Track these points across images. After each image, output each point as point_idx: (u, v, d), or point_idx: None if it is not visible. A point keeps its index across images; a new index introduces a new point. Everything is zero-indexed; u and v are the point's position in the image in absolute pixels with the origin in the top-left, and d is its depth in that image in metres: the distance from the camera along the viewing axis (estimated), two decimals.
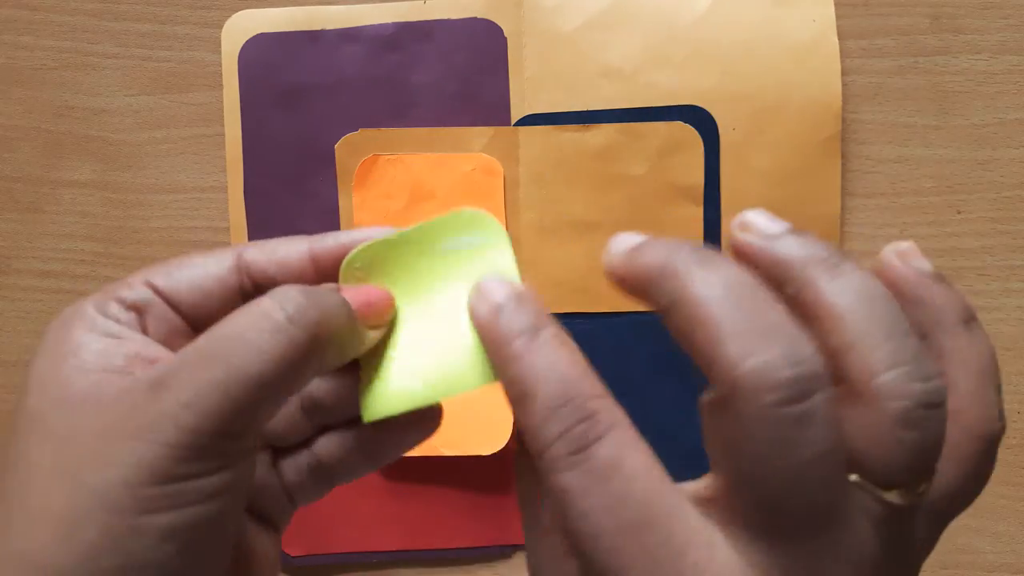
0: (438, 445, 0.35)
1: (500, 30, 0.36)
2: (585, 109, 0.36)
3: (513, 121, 0.36)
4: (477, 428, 0.35)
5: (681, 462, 0.37)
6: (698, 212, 0.36)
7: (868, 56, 0.36)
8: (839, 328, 0.17)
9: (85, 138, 0.37)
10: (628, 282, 0.19)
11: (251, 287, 0.22)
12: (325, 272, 0.22)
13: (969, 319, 0.21)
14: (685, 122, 0.35)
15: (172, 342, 0.21)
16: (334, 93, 0.36)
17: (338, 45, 0.36)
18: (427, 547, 0.36)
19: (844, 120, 0.36)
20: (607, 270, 0.19)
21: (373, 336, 0.22)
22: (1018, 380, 0.36)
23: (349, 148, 0.36)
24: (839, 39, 0.36)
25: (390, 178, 0.36)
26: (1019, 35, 0.36)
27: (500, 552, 0.36)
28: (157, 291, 0.21)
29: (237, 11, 0.37)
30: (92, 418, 0.19)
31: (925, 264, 0.20)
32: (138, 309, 0.21)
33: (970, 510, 0.37)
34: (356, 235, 0.22)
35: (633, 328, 0.36)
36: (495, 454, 0.35)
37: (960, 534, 0.36)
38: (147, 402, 0.18)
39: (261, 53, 0.36)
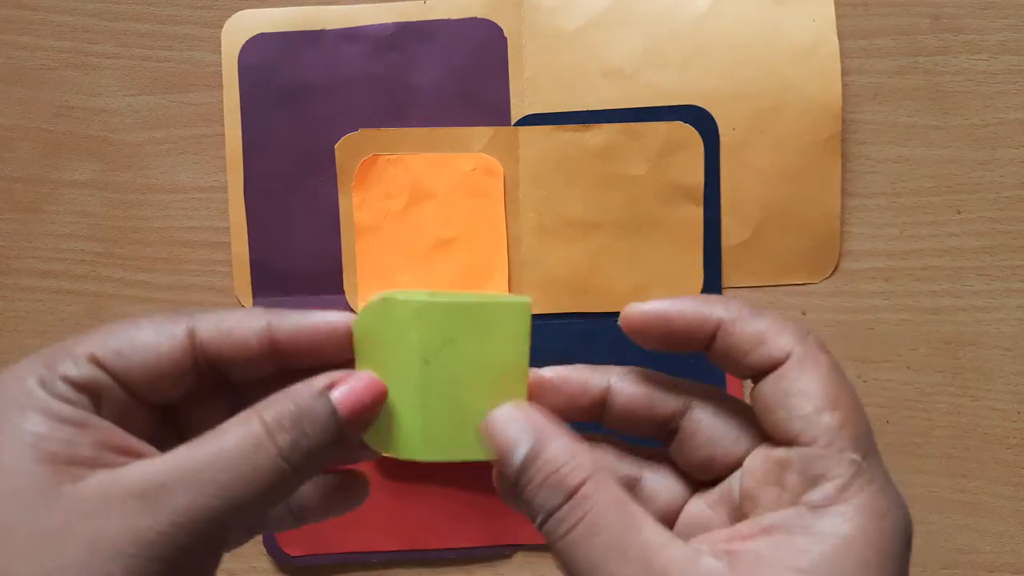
0: (433, 455, 0.35)
1: (500, 30, 0.36)
2: (585, 109, 0.36)
3: (513, 121, 0.36)
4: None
5: None
6: (698, 212, 0.36)
7: (868, 56, 0.36)
8: None
9: (85, 138, 0.37)
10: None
11: (205, 365, 0.22)
12: (282, 352, 0.22)
13: None
14: (685, 122, 0.35)
15: (127, 422, 0.21)
16: (334, 93, 0.36)
17: (338, 45, 0.36)
18: (427, 547, 0.36)
19: (844, 120, 0.36)
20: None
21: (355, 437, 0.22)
22: (1018, 380, 0.36)
23: (349, 148, 0.36)
24: (839, 39, 0.36)
25: (390, 178, 0.36)
26: (1019, 35, 0.36)
27: (500, 552, 0.36)
28: (107, 370, 0.21)
29: (237, 11, 0.37)
30: (75, 520, 0.18)
31: None
32: (90, 391, 0.20)
33: (970, 510, 0.37)
34: (315, 317, 0.23)
35: None
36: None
37: (960, 534, 0.36)
38: (138, 515, 0.18)
39: (261, 53, 0.36)
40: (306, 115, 0.36)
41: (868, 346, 0.36)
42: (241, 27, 0.36)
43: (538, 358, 0.26)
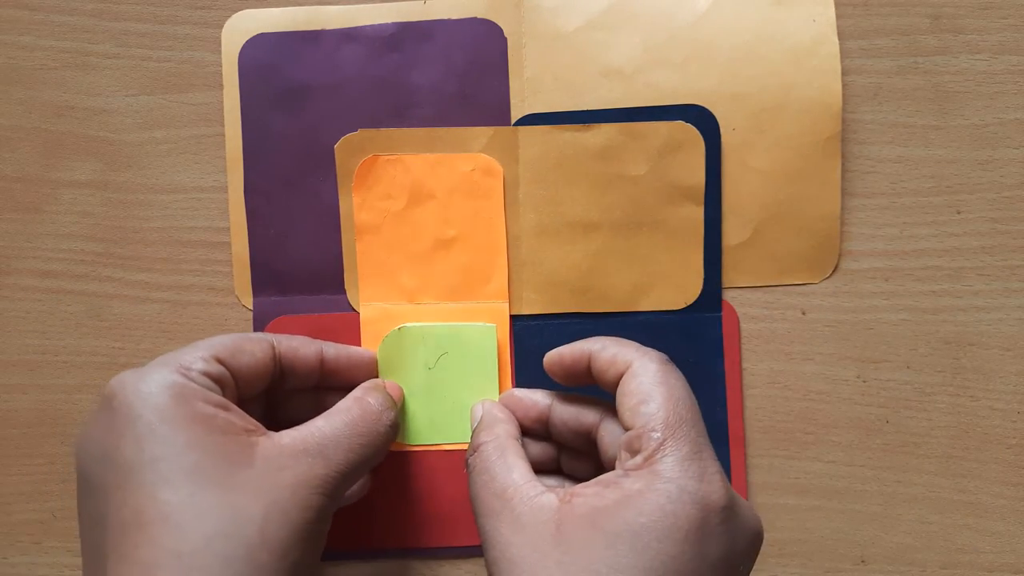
0: (436, 439, 0.35)
1: (500, 30, 0.36)
2: (585, 109, 0.36)
3: (513, 121, 0.36)
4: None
5: None
6: (699, 212, 0.36)
7: (868, 56, 0.36)
8: None
9: (85, 138, 0.37)
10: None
11: (278, 372, 0.31)
12: (328, 370, 0.33)
13: None
14: (686, 122, 0.35)
15: (234, 408, 0.28)
16: (334, 93, 0.36)
17: (338, 45, 0.36)
18: (430, 545, 0.36)
19: (844, 120, 0.36)
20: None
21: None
22: (1018, 380, 0.36)
23: (349, 148, 0.36)
24: (839, 39, 0.36)
25: (390, 178, 0.36)
26: (1019, 35, 0.36)
27: None
28: (228, 368, 0.29)
29: (237, 11, 0.37)
30: (274, 472, 0.26)
31: None
32: (221, 383, 0.28)
33: (970, 510, 0.37)
34: (354, 352, 0.34)
35: (631, 329, 0.36)
36: None
37: (960, 534, 0.36)
38: (315, 466, 0.27)
39: (261, 53, 0.36)
40: (306, 115, 0.36)
41: (868, 346, 0.36)
42: (241, 27, 0.36)
43: (538, 356, 0.34)
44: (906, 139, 0.36)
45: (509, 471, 0.28)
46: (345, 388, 0.32)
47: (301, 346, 0.31)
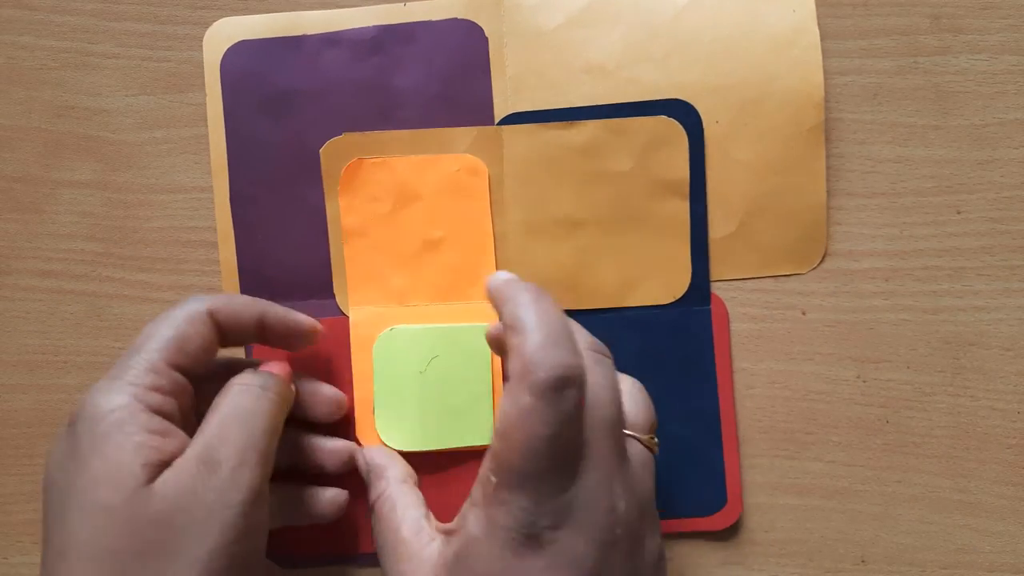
0: (429, 445, 0.35)
1: (481, 30, 0.36)
2: (568, 106, 0.36)
3: (497, 120, 0.36)
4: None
5: (665, 456, 0.37)
6: (684, 206, 0.36)
7: (868, 56, 0.36)
8: None
9: (85, 138, 0.37)
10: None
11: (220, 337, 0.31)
12: (267, 334, 0.33)
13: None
14: (669, 116, 0.35)
15: (180, 399, 0.29)
16: (318, 98, 0.36)
17: (320, 50, 0.36)
18: None
19: (844, 120, 0.36)
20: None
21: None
22: (1018, 380, 0.36)
23: (334, 152, 0.36)
24: (839, 39, 0.36)
25: (376, 181, 0.36)
26: (1019, 35, 0.36)
27: None
28: (179, 367, 0.29)
29: (237, 10, 0.37)
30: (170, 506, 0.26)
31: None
32: (172, 392, 0.29)
33: (970, 510, 0.37)
34: (292, 319, 0.33)
35: (620, 324, 0.36)
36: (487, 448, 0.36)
37: (960, 534, 0.36)
38: (204, 479, 0.27)
39: (243, 60, 0.36)
40: (290, 121, 0.36)
41: (868, 346, 0.36)
42: (222, 35, 0.36)
43: None
44: (906, 139, 0.36)
45: (399, 525, 0.29)
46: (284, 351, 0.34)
47: (242, 310, 0.31)
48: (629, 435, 0.28)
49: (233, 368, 0.31)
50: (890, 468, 0.36)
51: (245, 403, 0.29)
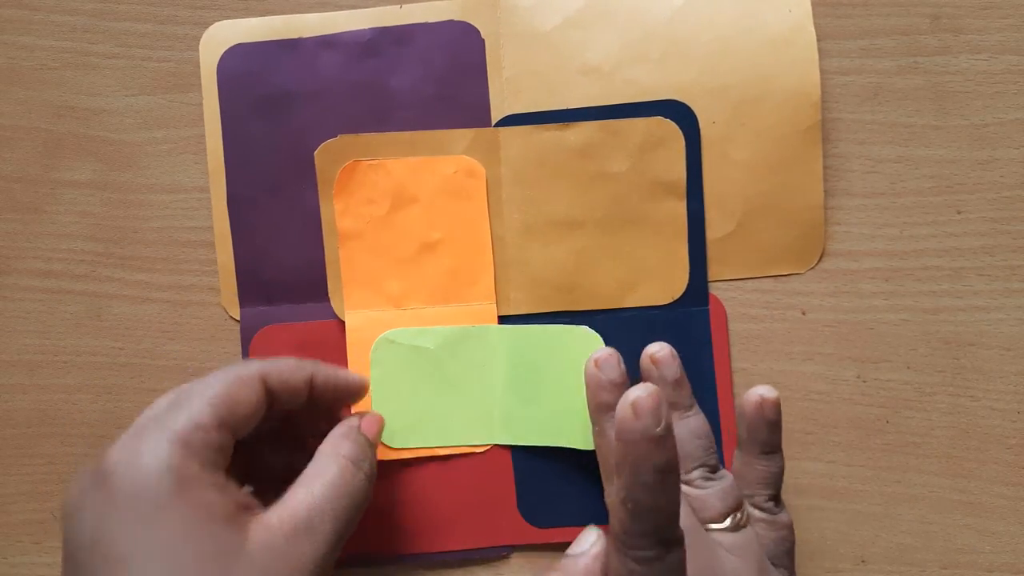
0: (430, 443, 0.36)
1: (477, 32, 0.36)
2: (565, 108, 0.36)
3: (493, 122, 0.36)
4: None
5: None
6: (681, 207, 0.36)
7: (868, 56, 0.36)
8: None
9: (85, 138, 0.37)
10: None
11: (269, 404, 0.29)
12: (316, 396, 0.31)
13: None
14: (665, 117, 0.35)
15: (231, 486, 0.27)
16: (314, 100, 0.36)
17: (316, 52, 0.36)
18: (424, 551, 0.36)
19: (843, 120, 0.36)
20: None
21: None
22: (1018, 380, 0.36)
23: (329, 154, 0.36)
24: (838, 39, 0.36)
25: (372, 183, 0.36)
26: (1019, 35, 0.36)
27: (498, 553, 0.36)
28: (228, 428, 0.27)
29: (237, 11, 0.37)
30: (268, 558, 0.26)
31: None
32: (221, 451, 0.27)
33: (970, 510, 0.37)
34: (342, 378, 0.32)
35: (618, 325, 0.36)
36: (487, 451, 0.36)
37: (960, 534, 0.36)
38: (309, 542, 0.26)
39: (240, 63, 0.36)
40: (287, 123, 0.36)
41: (868, 346, 0.36)
42: (219, 37, 0.36)
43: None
44: (906, 139, 0.36)
45: None
46: (331, 412, 0.33)
47: (291, 375, 0.30)
48: (710, 530, 0.31)
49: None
50: (890, 468, 0.36)
51: (348, 478, 0.28)
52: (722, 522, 0.31)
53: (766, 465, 0.32)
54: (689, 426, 0.33)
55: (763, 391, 0.32)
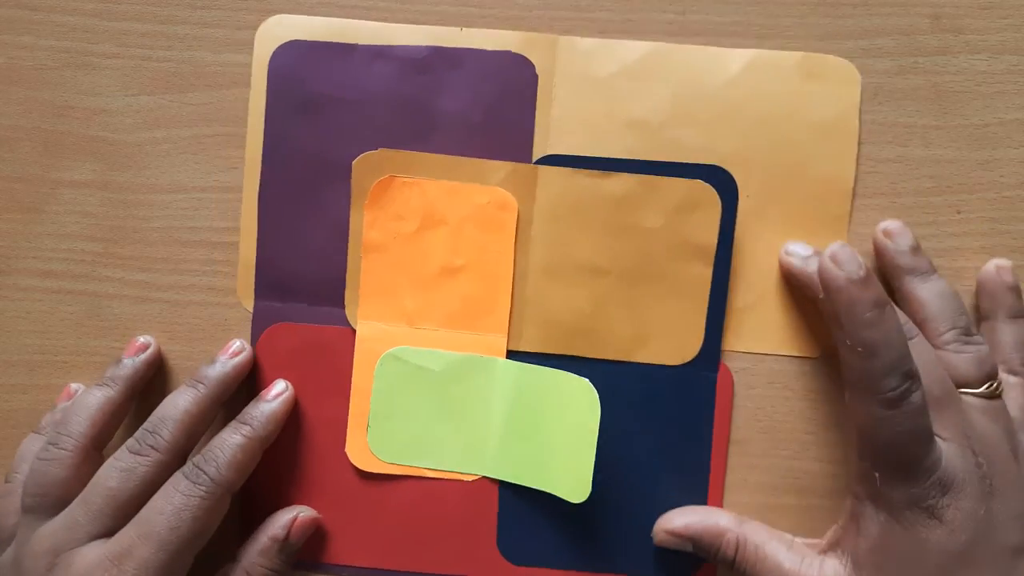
0: (422, 463, 0.36)
1: (532, 67, 0.36)
2: (607, 156, 0.36)
3: (534, 159, 0.36)
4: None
5: (660, 511, 0.37)
6: (707, 271, 0.35)
7: (868, 56, 0.36)
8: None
9: (85, 138, 0.37)
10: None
11: None
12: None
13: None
14: (706, 181, 0.35)
15: None
16: (359, 108, 0.36)
17: (369, 61, 0.36)
18: (398, 568, 0.36)
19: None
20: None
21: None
22: None
23: (367, 166, 0.36)
24: (839, 39, 0.36)
25: (403, 200, 0.36)
26: (1019, 35, 0.36)
27: None
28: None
29: (238, 11, 0.37)
30: None
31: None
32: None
33: None
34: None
35: (625, 376, 0.36)
36: (474, 481, 0.36)
37: None
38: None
39: (292, 60, 0.36)
40: (328, 127, 0.36)
41: None
42: (275, 32, 0.36)
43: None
44: (906, 139, 0.36)
45: (778, 563, 0.32)
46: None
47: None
48: (964, 393, 0.32)
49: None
50: None
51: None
52: (978, 388, 0.32)
53: (1015, 328, 0.34)
54: (934, 288, 0.34)
55: (998, 261, 0.35)
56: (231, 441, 0.33)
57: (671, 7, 0.36)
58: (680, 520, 0.34)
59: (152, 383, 0.37)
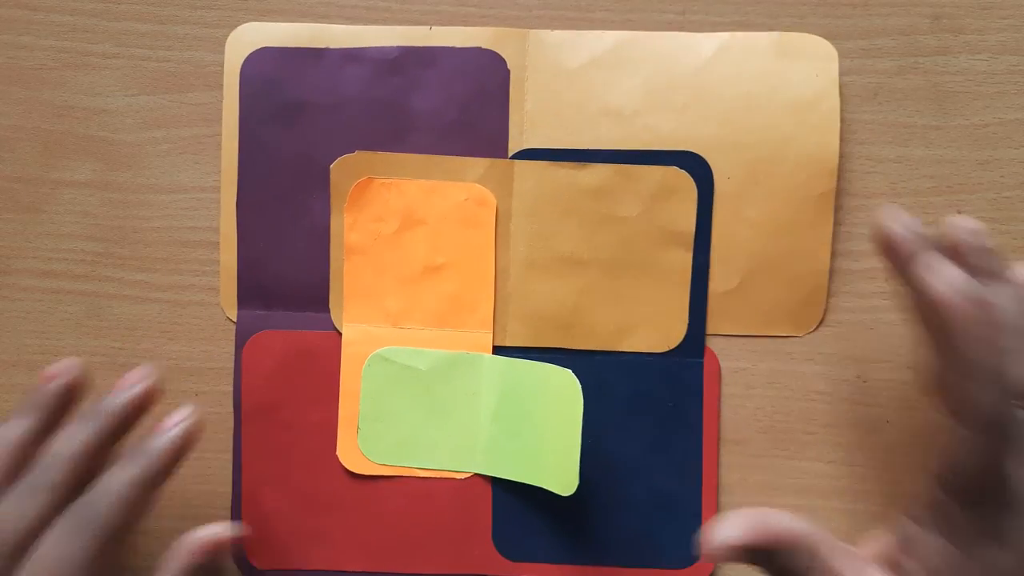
0: (413, 463, 0.36)
1: (504, 62, 0.36)
2: (582, 147, 0.36)
3: (510, 154, 0.36)
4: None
5: (643, 506, 0.37)
6: (687, 258, 0.36)
7: (868, 56, 0.36)
8: None
9: (85, 138, 0.37)
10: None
11: None
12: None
13: None
14: (681, 168, 0.35)
15: None
16: (333, 112, 0.36)
17: (341, 65, 0.36)
18: (395, 570, 0.36)
19: (844, 120, 0.36)
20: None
21: None
22: None
23: (345, 168, 0.36)
24: (839, 39, 0.36)
25: (383, 201, 0.36)
26: (1019, 35, 0.36)
27: None
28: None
29: (237, 11, 0.37)
30: None
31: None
32: None
33: None
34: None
35: (612, 368, 0.36)
36: (467, 479, 0.36)
37: None
38: None
39: (264, 66, 0.36)
40: (304, 132, 0.36)
41: (868, 346, 0.36)
42: (245, 39, 0.36)
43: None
44: (906, 139, 0.36)
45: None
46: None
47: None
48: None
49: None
50: (890, 468, 0.36)
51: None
52: None
53: None
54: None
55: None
56: (120, 478, 0.28)
57: (671, 7, 0.36)
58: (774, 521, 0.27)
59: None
